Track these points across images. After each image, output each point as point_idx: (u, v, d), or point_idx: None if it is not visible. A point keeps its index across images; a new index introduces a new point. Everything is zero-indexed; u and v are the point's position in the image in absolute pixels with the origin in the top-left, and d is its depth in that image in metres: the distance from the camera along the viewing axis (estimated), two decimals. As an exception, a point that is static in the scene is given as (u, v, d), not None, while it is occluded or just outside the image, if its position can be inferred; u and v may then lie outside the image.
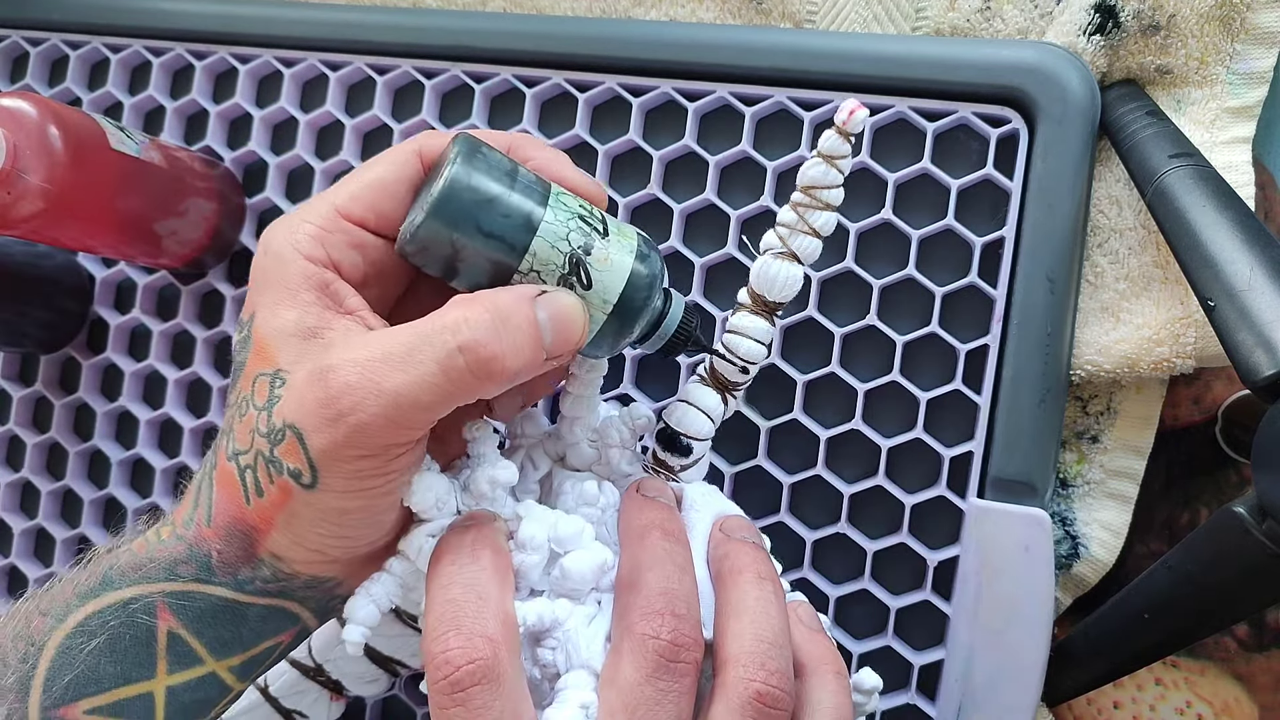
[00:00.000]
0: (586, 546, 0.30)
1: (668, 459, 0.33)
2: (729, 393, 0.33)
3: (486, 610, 0.27)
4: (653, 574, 0.28)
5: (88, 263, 0.47)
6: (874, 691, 0.33)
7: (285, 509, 0.27)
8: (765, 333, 0.32)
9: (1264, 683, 0.39)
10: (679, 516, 0.31)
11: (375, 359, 0.26)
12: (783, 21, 0.42)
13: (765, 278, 0.32)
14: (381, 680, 0.39)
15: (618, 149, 0.42)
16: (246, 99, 0.46)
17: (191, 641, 0.28)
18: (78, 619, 0.28)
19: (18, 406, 0.48)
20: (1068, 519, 0.38)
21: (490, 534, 0.29)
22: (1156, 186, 0.34)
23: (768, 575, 0.29)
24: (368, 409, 0.26)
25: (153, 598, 0.28)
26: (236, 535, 0.28)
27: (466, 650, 0.26)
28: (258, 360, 0.29)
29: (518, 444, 0.34)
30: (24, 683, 0.27)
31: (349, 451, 0.26)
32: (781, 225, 0.32)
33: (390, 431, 0.26)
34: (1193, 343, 0.36)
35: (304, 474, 0.27)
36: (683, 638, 0.27)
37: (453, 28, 0.43)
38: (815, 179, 0.31)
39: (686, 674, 0.27)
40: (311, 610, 0.30)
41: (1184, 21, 0.37)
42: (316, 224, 0.29)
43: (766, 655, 0.27)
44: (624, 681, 0.26)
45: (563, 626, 0.28)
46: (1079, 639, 0.36)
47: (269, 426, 0.27)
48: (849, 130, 0.30)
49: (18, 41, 0.48)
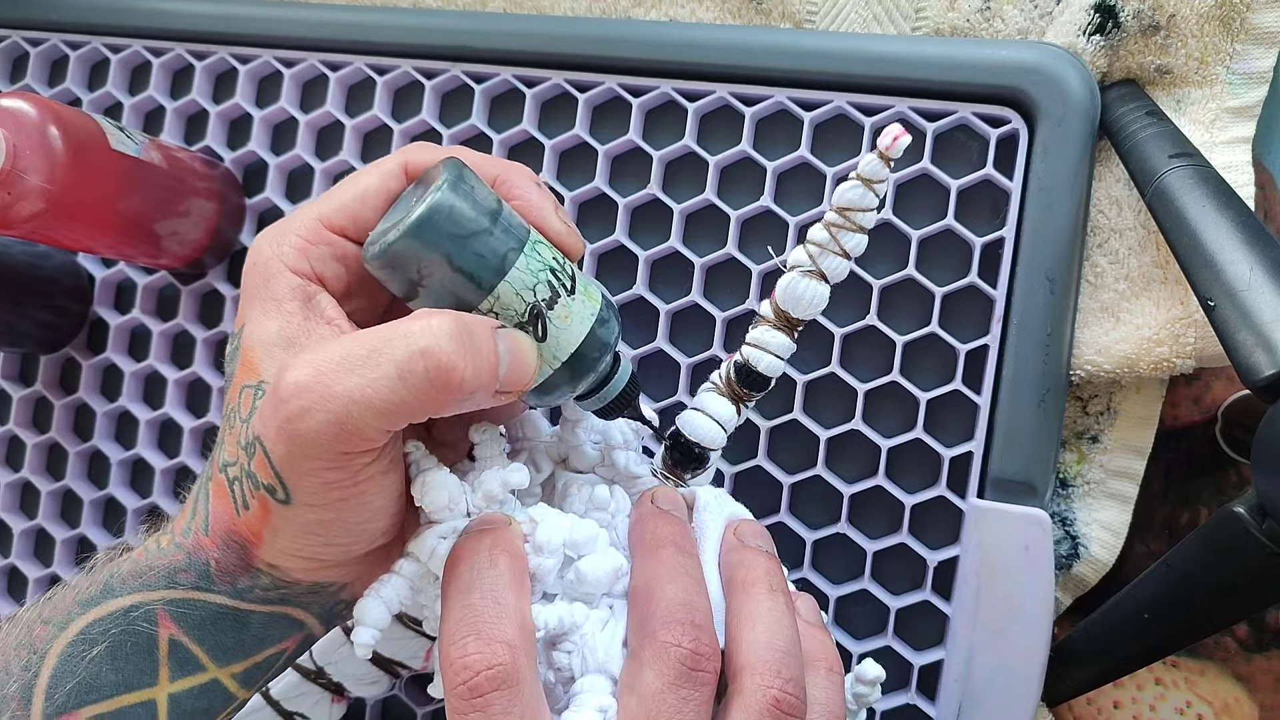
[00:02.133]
0: (601, 551, 0.30)
1: (680, 467, 0.33)
2: (743, 403, 0.33)
3: (505, 616, 0.26)
4: (671, 586, 0.28)
5: (88, 263, 0.47)
6: (876, 682, 0.33)
7: (268, 523, 0.27)
8: (786, 348, 0.32)
9: (1264, 683, 0.39)
10: (691, 532, 0.31)
11: (333, 361, 0.26)
12: (783, 21, 0.42)
13: (793, 295, 0.31)
14: (382, 682, 0.39)
15: (618, 149, 0.42)
16: (246, 99, 0.46)
17: (193, 648, 0.28)
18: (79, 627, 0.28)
19: (18, 406, 0.48)
20: (1068, 519, 0.38)
21: (508, 538, 0.29)
22: (1156, 186, 0.34)
23: (779, 587, 0.30)
24: (317, 414, 0.25)
25: (153, 605, 0.28)
26: (232, 545, 0.28)
27: (486, 656, 0.26)
28: (244, 371, 0.29)
29: (519, 447, 0.34)
30: (26, 691, 0.27)
31: (307, 464, 0.26)
32: (813, 244, 0.31)
33: (341, 438, 0.25)
34: (1193, 343, 0.36)
35: (276, 489, 0.27)
36: (704, 647, 0.27)
37: (453, 28, 0.43)
38: (853, 201, 0.31)
39: (706, 683, 0.27)
40: (316, 616, 0.30)
41: (1184, 21, 0.37)
42: (302, 236, 0.30)
43: (782, 664, 0.27)
44: (645, 689, 0.26)
45: (579, 631, 0.29)
46: (1079, 639, 0.36)
47: (246, 439, 0.27)
48: (891, 155, 0.30)
49: (18, 41, 0.48)
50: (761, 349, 0.32)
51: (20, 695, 0.27)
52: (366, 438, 0.26)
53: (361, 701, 0.42)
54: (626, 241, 0.41)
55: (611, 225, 0.41)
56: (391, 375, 0.25)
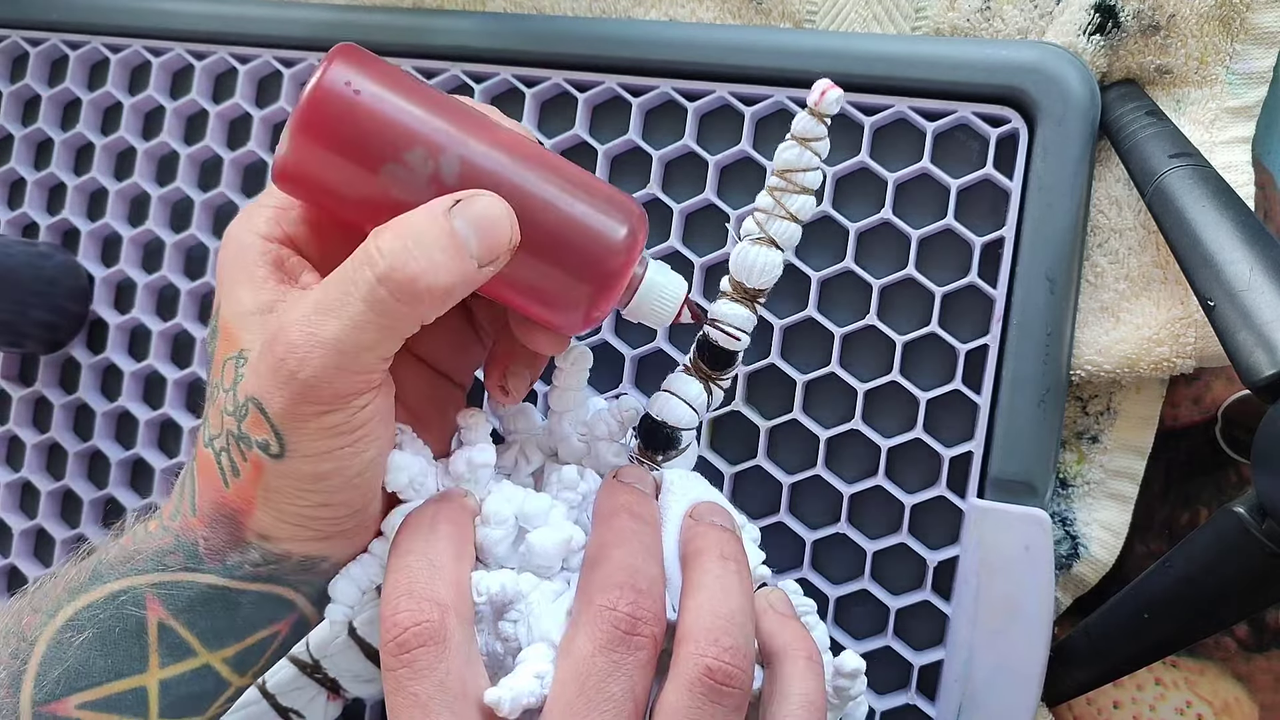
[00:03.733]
0: (554, 524, 0.30)
1: (651, 449, 0.33)
2: (712, 383, 0.33)
3: (439, 578, 0.27)
4: (619, 551, 0.28)
5: (87, 263, 0.47)
6: (856, 674, 0.33)
7: (261, 484, 0.27)
8: (746, 320, 0.32)
9: (1264, 683, 0.39)
10: (652, 501, 0.31)
11: (310, 312, 0.26)
12: (783, 21, 0.42)
13: (743, 264, 0.31)
14: (379, 681, 0.39)
15: (617, 149, 0.42)
16: (246, 99, 0.46)
17: (183, 632, 0.28)
18: (68, 614, 0.28)
19: (18, 406, 0.48)
20: (1068, 519, 0.38)
21: (452, 508, 0.29)
22: (1156, 186, 0.34)
23: (731, 555, 0.29)
24: (313, 362, 0.26)
25: (141, 589, 0.28)
26: (221, 520, 0.28)
27: (414, 613, 0.26)
28: (224, 345, 0.29)
29: (512, 439, 0.35)
30: (15, 678, 0.28)
31: (308, 409, 0.27)
32: (759, 210, 0.31)
33: (341, 379, 0.26)
34: (1193, 343, 0.36)
35: (271, 443, 0.27)
36: (641, 611, 0.26)
37: (453, 28, 0.43)
38: (789, 162, 0.30)
39: (642, 648, 0.26)
40: (307, 597, 0.30)
41: (1184, 21, 0.37)
42: (271, 205, 0.30)
43: (722, 631, 0.27)
44: (578, 652, 0.26)
45: (525, 599, 0.29)
46: (1079, 639, 0.36)
47: (234, 404, 0.28)
48: (823, 111, 0.29)
49: (17, 41, 0.48)
50: (721, 323, 0.32)
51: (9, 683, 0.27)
52: (363, 371, 0.27)
53: (360, 703, 0.42)
54: (626, 241, 0.41)
55: (611, 225, 0.41)
56: (363, 310, 0.26)
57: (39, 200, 0.48)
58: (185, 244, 0.46)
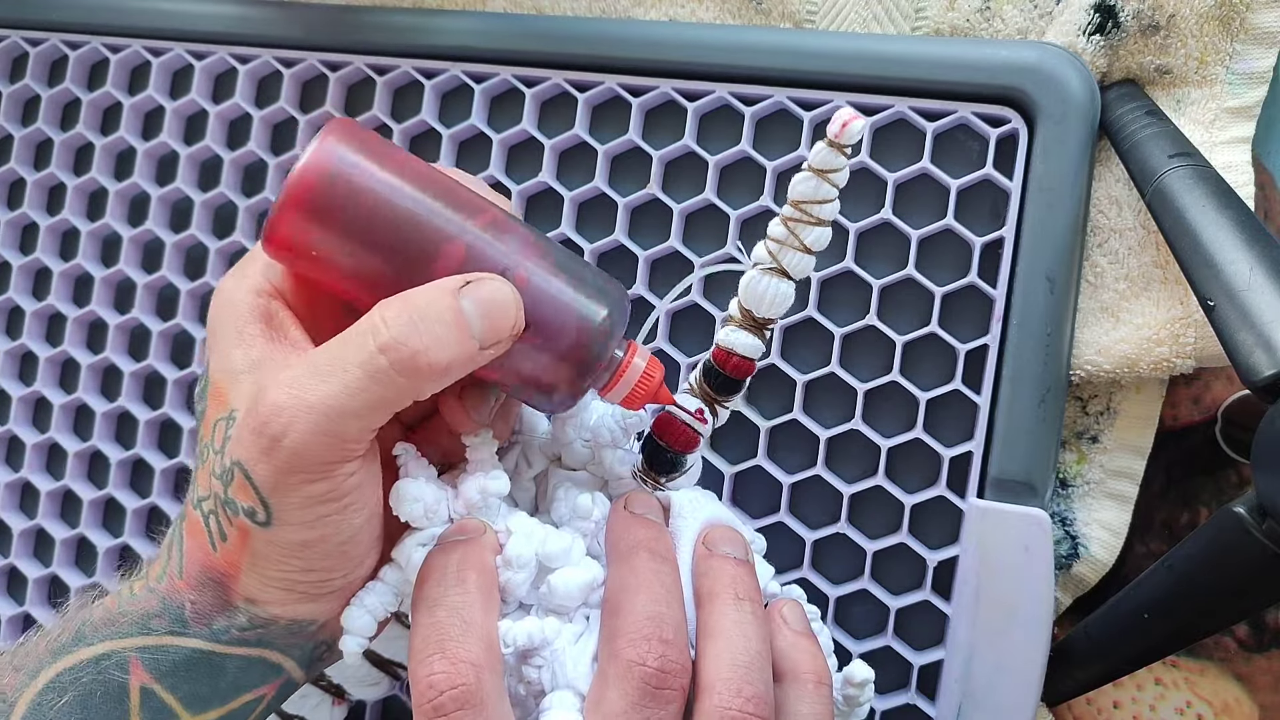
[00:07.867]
0: (575, 563, 0.29)
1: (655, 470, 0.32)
2: (717, 405, 0.32)
3: (471, 634, 0.27)
4: (640, 597, 0.28)
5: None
6: (866, 684, 0.33)
7: (248, 550, 0.27)
8: (754, 349, 0.31)
9: (1264, 683, 0.39)
10: (666, 534, 0.31)
11: (301, 375, 0.26)
12: (783, 21, 0.42)
13: (754, 294, 0.31)
14: (383, 684, 0.39)
15: (617, 149, 0.42)
16: (246, 99, 0.46)
17: (165, 697, 0.28)
18: (49, 676, 0.27)
19: (18, 406, 0.48)
20: (1067, 519, 0.38)
21: (477, 553, 0.28)
22: (1156, 186, 0.34)
23: (746, 594, 0.29)
24: (299, 427, 0.25)
25: (125, 653, 0.27)
26: (209, 584, 0.28)
27: (450, 675, 0.26)
28: (214, 406, 0.29)
29: (513, 441, 0.34)
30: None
31: (292, 478, 0.26)
32: (772, 240, 0.30)
33: (327, 448, 0.26)
34: (1193, 343, 0.36)
35: (257, 510, 0.27)
36: (670, 664, 0.27)
37: (453, 28, 0.43)
38: (805, 194, 0.30)
39: (672, 700, 0.26)
40: (295, 660, 0.30)
41: (1184, 21, 0.37)
42: (260, 260, 0.30)
43: (743, 680, 0.27)
44: (609, 709, 0.26)
45: (550, 646, 0.28)
46: (1079, 639, 0.36)
47: (221, 468, 0.27)
48: (843, 143, 0.28)
49: (17, 41, 0.48)
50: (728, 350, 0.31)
51: None
52: (349, 442, 0.26)
53: (361, 702, 0.42)
54: (626, 241, 0.41)
55: (611, 225, 0.41)
56: (359, 376, 0.26)
57: (39, 200, 0.48)
58: (185, 244, 0.46)
